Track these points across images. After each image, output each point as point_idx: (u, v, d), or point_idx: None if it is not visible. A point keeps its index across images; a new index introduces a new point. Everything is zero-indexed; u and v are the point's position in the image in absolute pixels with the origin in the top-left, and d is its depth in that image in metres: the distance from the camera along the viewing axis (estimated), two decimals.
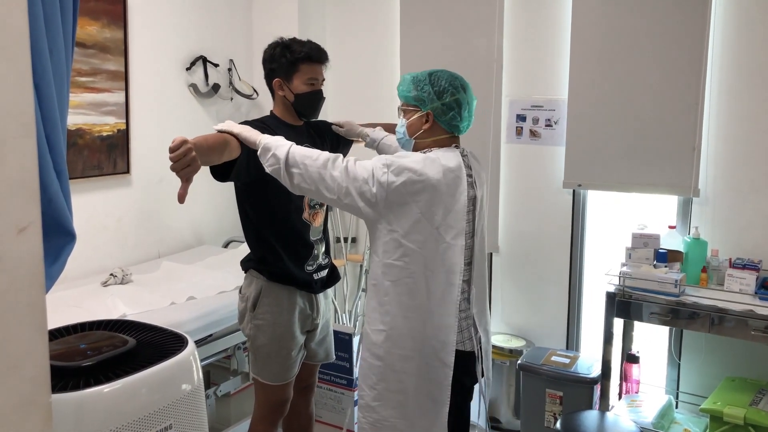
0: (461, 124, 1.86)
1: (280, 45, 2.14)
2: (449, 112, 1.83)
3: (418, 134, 1.86)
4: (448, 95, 1.82)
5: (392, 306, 1.80)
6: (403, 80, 1.89)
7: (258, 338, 2.15)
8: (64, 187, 1.38)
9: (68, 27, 1.39)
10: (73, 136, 2.74)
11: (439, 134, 1.86)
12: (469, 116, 1.88)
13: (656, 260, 2.64)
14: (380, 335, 1.82)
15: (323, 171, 1.76)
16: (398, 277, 1.79)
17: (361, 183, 1.74)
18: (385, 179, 1.72)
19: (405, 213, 1.74)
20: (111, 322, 1.86)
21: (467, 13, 3.19)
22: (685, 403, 2.87)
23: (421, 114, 1.85)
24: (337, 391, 3.15)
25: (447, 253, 1.79)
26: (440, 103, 1.82)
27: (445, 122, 1.84)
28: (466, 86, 1.88)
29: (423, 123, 1.85)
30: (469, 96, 1.87)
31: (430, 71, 1.87)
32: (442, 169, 1.76)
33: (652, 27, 2.76)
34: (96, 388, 1.48)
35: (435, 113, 1.83)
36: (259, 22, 3.62)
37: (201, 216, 3.44)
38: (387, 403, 1.82)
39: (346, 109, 3.58)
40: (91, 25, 2.78)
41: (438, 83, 1.83)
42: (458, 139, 1.91)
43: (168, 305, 2.42)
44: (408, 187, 1.72)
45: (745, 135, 2.68)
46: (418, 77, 1.86)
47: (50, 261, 1.36)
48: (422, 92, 1.83)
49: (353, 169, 1.76)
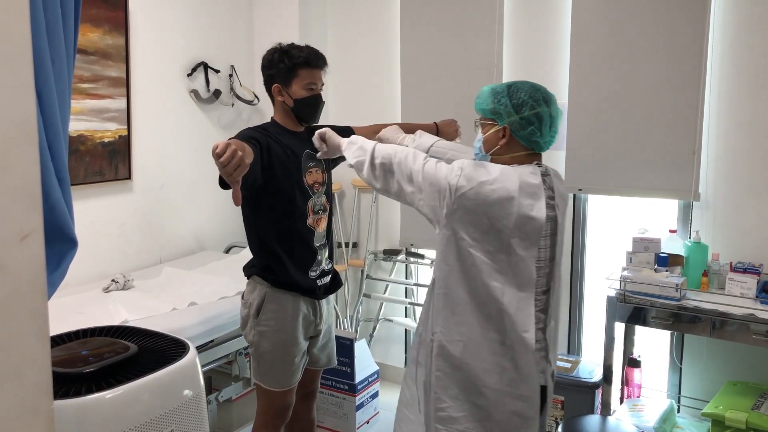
0: (542, 141, 1.73)
1: (279, 51, 2.14)
2: (528, 127, 1.71)
3: (494, 150, 1.76)
4: (527, 109, 1.70)
5: (467, 316, 1.72)
6: (481, 93, 1.79)
7: (261, 344, 2.15)
8: (66, 194, 1.39)
9: (70, 34, 1.40)
10: (74, 143, 2.75)
11: (517, 150, 1.74)
12: (552, 132, 1.75)
13: (657, 264, 2.64)
14: (458, 346, 1.74)
15: (404, 166, 1.74)
16: (472, 287, 1.71)
17: (436, 184, 1.68)
18: (455, 182, 1.65)
19: (475, 221, 1.66)
20: (113, 328, 1.87)
21: (467, 18, 3.20)
22: (686, 407, 2.86)
23: (497, 128, 1.74)
24: (339, 396, 3.14)
25: (518, 267, 1.69)
26: (518, 117, 1.70)
27: (524, 138, 1.72)
28: (550, 99, 1.74)
29: (499, 138, 1.74)
30: (553, 110, 1.73)
31: (510, 83, 1.76)
32: (518, 182, 1.66)
33: (651, 31, 2.77)
34: (98, 395, 1.48)
35: (512, 128, 1.72)
36: (260, 28, 3.64)
37: (202, 222, 3.44)
38: (471, 415, 1.75)
39: (346, 114, 3.59)
40: (93, 32, 2.79)
41: (517, 95, 1.71)
42: (540, 156, 1.78)
43: (169, 311, 2.42)
44: (479, 194, 1.64)
45: (746, 139, 2.68)
46: (497, 89, 1.75)
47: (52, 268, 1.37)
48: (499, 105, 1.72)
49: (432, 168, 1.71)
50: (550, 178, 1.76)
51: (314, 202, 2.19)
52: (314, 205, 2.18)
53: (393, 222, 3.61)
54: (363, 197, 3.72)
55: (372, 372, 3.24)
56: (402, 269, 3.67)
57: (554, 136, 1.76)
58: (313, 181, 2.18)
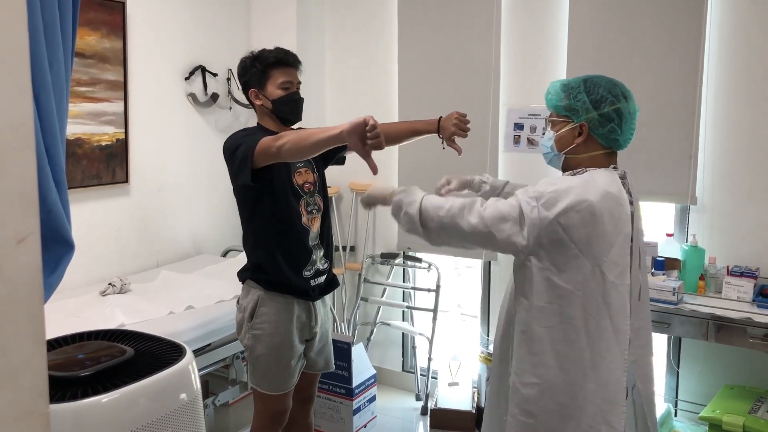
0: (621, 138, 1.63)
1: (250, 57, 2.18)
2: (608, 124, 1.60)
3: (569, 149, 1.64)
4: (607, 104, 1.59)
5: (547, 356, 1.56)
6: (551, 88, 1.68)
7: (256, 348, 2.15)
8: (63, 197, 1.39)
9: (68, 37, 1.40)
10: (72, 146, 2.75)
11: (595, 149, 1.63)
12: (631, 129, 1.65)
13: (654, 268, 2.64)
14: (533, 389, 1.58)
15: (460, 221, 1.59)
16: (553, 323, 1.55)
17: (507, 226, 1.53)
18: (536, 215, 1.51)
19: (560, 249, 1.52)
20: (109, 331, 1.86)
21: (465, 20, 3.21)
22: (684, 411, 2.87)
23: (573, 126, 1.62)
24: (336, 400, 3.14)
25: (611, 294, 1.54)
26: (597, 113, 1.59)
27: (602, 135, 1.61)
28: (628, 94, 1.64)
29: (576, 136, 1.62)
30: (631, 106, 1.63)
31: (585, 77, 1.64)
32: (601, 194, 1.52)
33: (648, 35, 2.78)
34: (94, 398, 1.48)
35: (590, 125, 1.60)
36: (258, 32, 3.64)
37: (200, 225, 3.44)
38: None
39: (344, 117, 3.59)
40: (91, 35, 2.79)
41: (595, 91, 1.60)
42: (616, 156, 1.67)
43: (166, 314, 2.42)
44: (563, 219, 1.50)
45: (742, 143, 2.69)
46: (571, 84, 1.64)
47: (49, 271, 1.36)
48: (575, 101, 1.61)
49: (494, 212, 1.56)
50: (627, 181, 1.65)
51: (307, 201, 2.20)
52: (307, 204, 2.20)
53: (390, 225, 3.61)
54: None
55: (369, 376, 3.23)
56: (399, 273, 3.67)
57: (633, 132, 1.66)
58: (303, 181, 2.20)
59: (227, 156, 2.07)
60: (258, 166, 1.96)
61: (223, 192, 3.14)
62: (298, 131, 1.98)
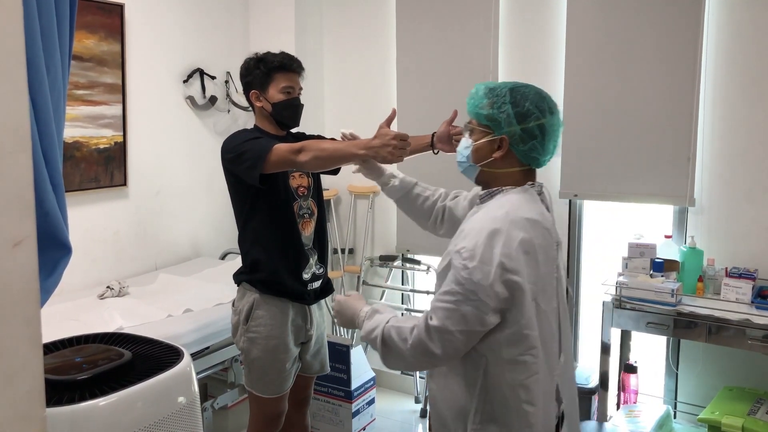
0: (541, 157, 1.48)
1: (254, 58, 2.18)
2: (530, 141, 1.45)
3: (485, 162, 1.49)
4: (532, 119, 1.44)
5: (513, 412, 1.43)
6: (475, 91, 1.51)
7: (252, 351, 2.15)
8: (60, 200, 1.39)
9: (65, 41, 1.40)
10: (70, 149, 2.75)
11: (512, 166, 1.48)
12: (554, 146, 1.50)
13: (653, 270, 2.64)
14: None
15: (412, 350, 1.42)
16: (527, 374, 1.41)
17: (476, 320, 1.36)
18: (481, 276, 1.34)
19: (518, 300, 1.38)
20: (107, 335, 1.86)
21: (463, 25, 3.22)
22: (683, 413, 2.86)
23: (493, 138, 1.47)
24: (335, 402, 3.13)
25: (544, 324, 1.44)
26: (520, 128, 1.44)
27: (523, 153, 1.46)
28: (555, 109, 1.49)
29: (494, 149, 1.47)
30: (556, 121, 1.48)
31: (513, 85, 1.48)
32: (526, 226, 1.40)
33: (646, 38, 2.78)
34: (91, 402, 1.47)
35: (511, 140, 1.45)
36: (256, 35, 3.64)
37: (198, 228, 3.44)
38: None
39: (343, 121, 3.60)
40: (89, 39, 2.79)
41: (522, 103, 1.44)
42: (535, 173, 1.53)
43: (165, 318, 2.42)
44: (506, 272, 1.35)
45: (740, 144, 2.70)
46: (497, 92, 1.47)
47: (46, 274, 1.36)
48: (499, 112, 1.45)
49: (451, 317, 1.37)
50: (545, 197, 1.54)
51: (300, 205, 2.20)
52: (299, 208, 2.20)
53: (389, 228, 3.61)
54: (359, 203, 3.72)
55: (368, 379, 3.23)
56: (398, 275, 3.67)
57: (555, 149, 1.52)
58: (297, 184, 2.20)
59: (231, 157, 2.06)
60: (267, 172, 1.98)
61: (222, 195, 3.13)
62: (318, 141, 1.99)
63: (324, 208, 2.33)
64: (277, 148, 1.95)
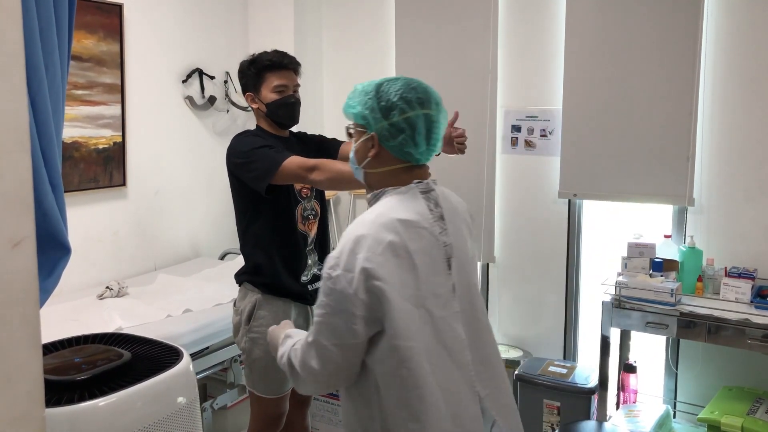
0: (416, 152, 1.39)
1: (248, 60, 2.18)
2: (398, 135, 1.37)
3: (365, 162, 1.43)
4: (396, 113, 1.36)
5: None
6: (351, 92, 1.48)
7: (253, 351, 2.15)
8: (59, 200, 1.38)
9: (64, 40, 1.40)
10: (69, 149, 2.74)
11: (391, 164, 1.41)
12: (430, 141, 1.40)
13: (652, 269, 2.64)
14: None
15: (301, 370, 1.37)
16: (405, 390, 1.30)
17: (347, 331, 1.29)
18: (345, 284, 1.27)
19: (385, 307, 1.27)
20: (106, 335, 1.86)
21: (462, 25, 3.22)
22: (682, 412, 2.86)
23: (367, 137, 1.41)
24: (334, 403, 3.13)
25: (443, 332, 1.35)
26: (387, 123, 1.37)
27: (394, 148, 1.38)
28: (427, 100, 1.39)
29: (369, 148, 1.41)
30: (433, 112, 1.39)
31: (382, 80, 1.43)
32: (397, 228, 1.31)
33: (645, 37, 2.78)
34: (90, 402, 1.47)
35: (380, 136, 1.38)
36: (255, 35, 3.64)
37: (197, 228, 3.43)
38: None
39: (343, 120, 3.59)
40: (88, 39, 2.79)
41: (386, 97, 1.38)
42: (423, 169, 1.44)
43: (164, 318, 2.42)
44: (370, 278, 1.27)
45: (739, 144, 2.70)
46: (365, 89, 1.43)
47: (45, 275, 1.36)
48: (366, 108, 1.40)
49: (323, 330, 1.32)
50: (435, 195, 1.43)
51: (304, 206, 2.20)
52: (304, 209, 2.20)
53: None
54: (359, 203, 3.72)
55: None
56: None
57: (435, 145, 1.41)
58: (300, 186, 2.20)
59: (239, 162, 2.05)
60: (276, 183, 1.99)
61: (221, 195, 3.13)
62: (333, 163, 1.96)
63: (326, 208, 2.34)
64: (289, 163, 1.95)
